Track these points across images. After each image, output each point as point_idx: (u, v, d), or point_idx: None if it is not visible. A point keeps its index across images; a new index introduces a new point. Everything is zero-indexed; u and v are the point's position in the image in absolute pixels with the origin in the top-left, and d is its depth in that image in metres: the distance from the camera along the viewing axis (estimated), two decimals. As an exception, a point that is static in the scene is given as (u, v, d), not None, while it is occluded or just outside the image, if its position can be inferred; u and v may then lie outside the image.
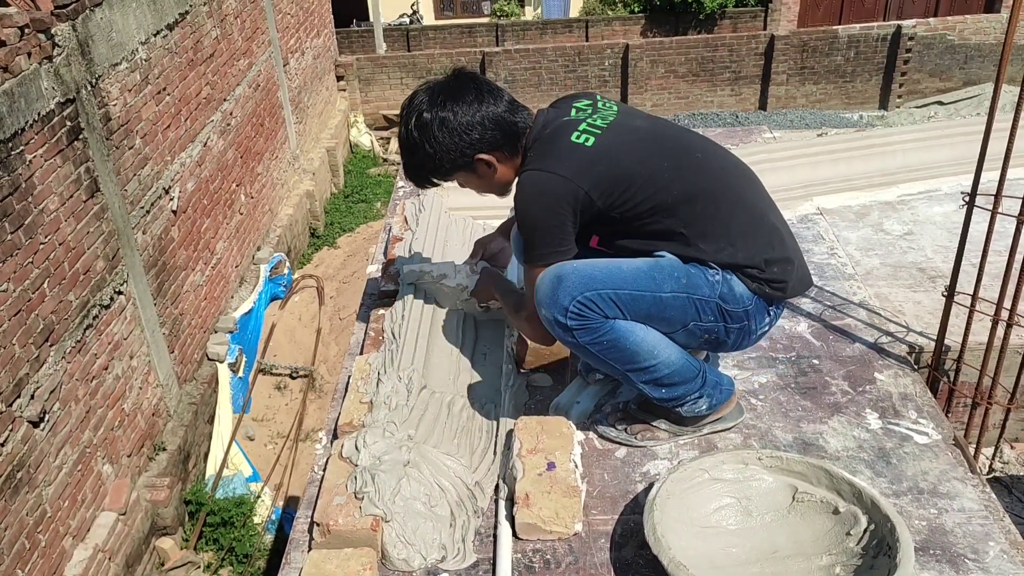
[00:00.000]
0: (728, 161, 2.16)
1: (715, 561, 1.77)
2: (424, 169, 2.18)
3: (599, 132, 2.03)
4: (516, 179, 2.15)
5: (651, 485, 2.07)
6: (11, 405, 4.19)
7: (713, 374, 2.18)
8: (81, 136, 4.91)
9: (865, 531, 1.79)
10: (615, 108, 2.15)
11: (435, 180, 2.22)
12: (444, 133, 2.08)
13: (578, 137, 2.03)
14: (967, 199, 2.67)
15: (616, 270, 2.00)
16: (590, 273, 1.98)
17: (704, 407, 2.17)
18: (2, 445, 4.10)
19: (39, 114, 4.49)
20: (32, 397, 4.36)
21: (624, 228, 2.06)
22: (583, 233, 2.09)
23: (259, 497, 6.06)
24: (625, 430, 2.27)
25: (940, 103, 13.13)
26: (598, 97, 2.21)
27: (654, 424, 2.26)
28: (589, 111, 2.12)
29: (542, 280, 2.04)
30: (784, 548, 1.83)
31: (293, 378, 7.30)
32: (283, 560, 2.03)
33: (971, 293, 2.75)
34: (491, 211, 3.59)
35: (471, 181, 2.22)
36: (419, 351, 2.58)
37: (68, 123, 4.78)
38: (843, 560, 1.77)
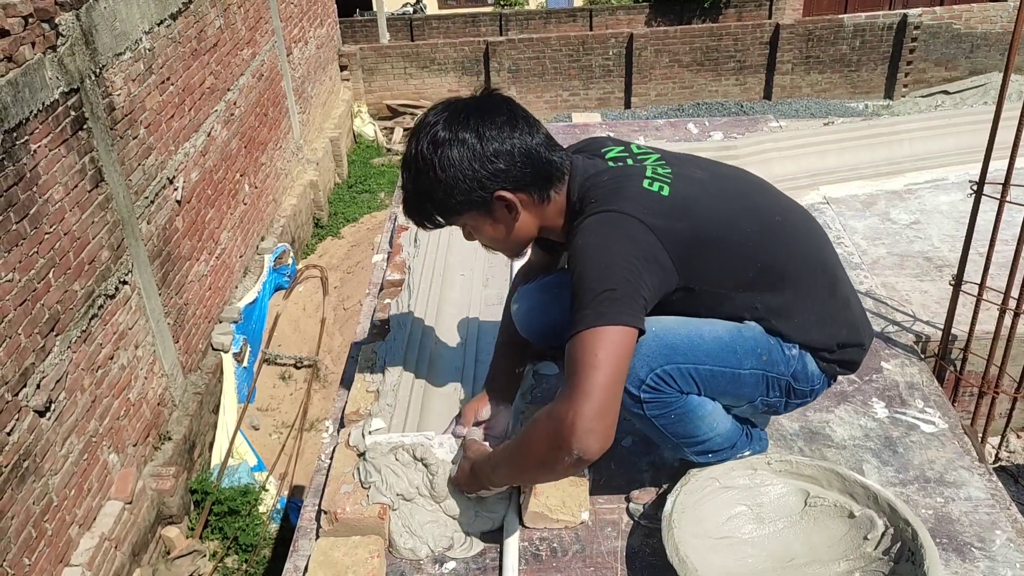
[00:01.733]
0: (802, 220, 1.87)
1: (733, 573, 1.74)
2: (429, 200, 1.72)
3: (670, 181, 1.69)
4: (565, 230, 1.77)
5: (664, 493, 2.06)
6: (17, 395, 4.20)
7: (755, 430, 2.03)
8: (85, 126, 4.91)
9: (883, 535, 1.76)
10: (655, 154, 1.82)
11: (439, 219, 1.76)
12: (462, 156, 1.66)
13: (650, 184, 1.67)
14: (975, 188, 2.66)
15: (698, 339, 1.71)
16: (672, 342, 1.69)
17: (747, 454, 1.99)
18: (8, 434, 4.12)
19: (43, 104, 4.48)
20: (38, 387, 4.37)
21: (690, 302, 1.73)
22: None
23: (264, 486, 6.08)
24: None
25: (946, 92, 13.08)
26: (626, 141, 1.89)
27: None
28: (630, 160, 1.78)
29: (522, 310, 1.87)
30: (800, 555, 1.80)
31: (297, 368, 7.31)
32: (291, 547, 2.03)
33: (978, 282, 2.74)
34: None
35: (483, 227, 1.76)
36: (425, 340, 2.58)
37: (72, 113, 4.78)
38: (861, 566, 1.73)
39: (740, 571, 1.76)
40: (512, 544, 1.93)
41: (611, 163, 1.77)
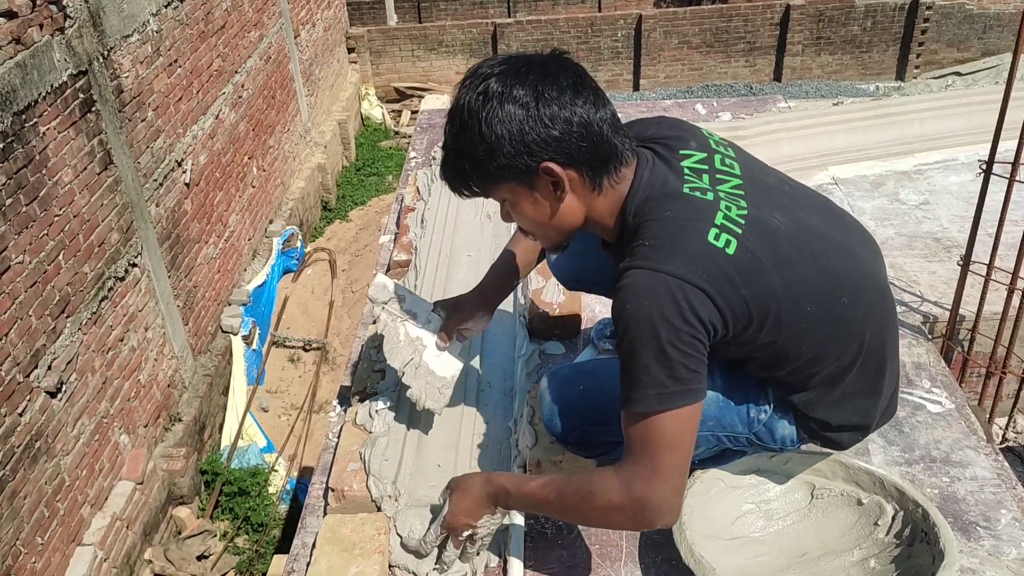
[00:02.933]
0: (872, 296, 1.64)
1: (748, 574, 1.74)
2: (468, 160, 1.51)
3: (740, 232, 1.45)
4: (615, 237, 1.59)
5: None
6: (29, 376, 4.23)
7: None
8: (94, 108, 4.92)
9: (893, 519, 1.76)
10: (737, 169, 1.59)
11: (474, 186, 1.56)
12: (512, 115, 1.45)
13: (716, 237, 1.44)
14: (984, 168, 2.64)
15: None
16: (596, 402, 1.70)
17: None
18: (20, 415, 4.15)
19: (52, 86, 4.49)
20: (49, 368, 4.40)
21: (715, 350, 1.52)
22: None
23: (273, 467, 6.12)
24: None
25: (958, 74, 12.95)
26: (710, 142, 1.64)
27: None
28: (706, 176, 1.55)
29: (544, 390, 1.79)
30: (813, 549, 1.79)
31: (306, 350, 7.34)
32: (299, 524, 2.05)
33: (987, 263, 2.73)
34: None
35: (522, 204, 1.55)
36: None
37: (81, 95, 4.79)
38: (875, 552, 1.73)
39: (755, 571, 1.76)
40: (517, 523, 1.94)
41: (686, 184, 1.52)
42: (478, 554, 1.82)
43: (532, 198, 1.54)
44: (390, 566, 1.87)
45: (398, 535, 1.86)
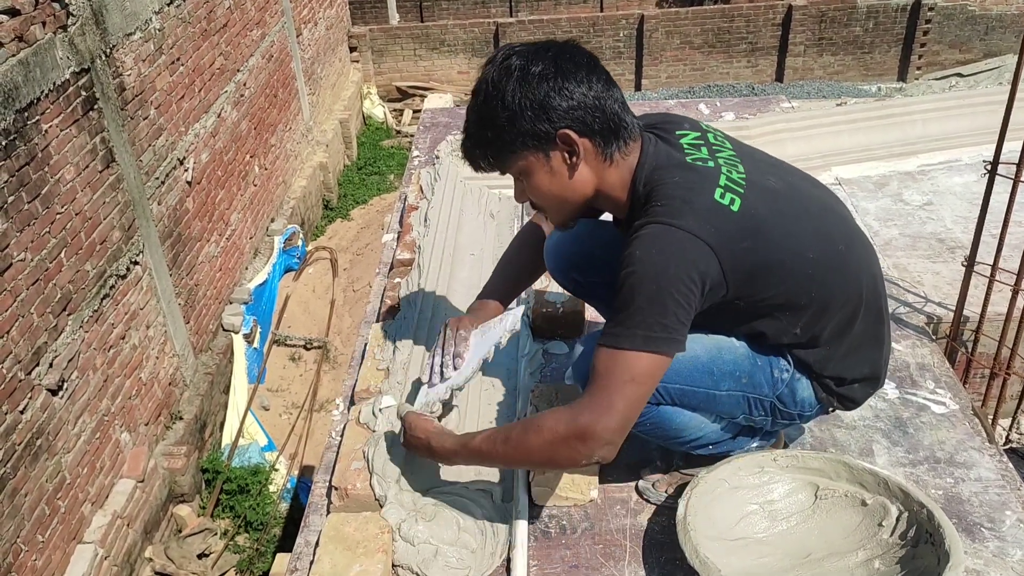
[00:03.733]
0: (864, 251, 1.79)
1: (753, 574, 1.73)
2: (490, 128, 1.62)
3: (742, 191, 1.59)
4: (626, 212, 1.68)
5: (674, 471, 2.06)
6: (30, 373, 4.23)
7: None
8: (96, 106, 4.92)
9: (898, 520, 1.75)
10: (729, 145, 1.73)
11: (492, 158, 1.67)
12: (533, 84, 1.57)
13: (722, 196, 1.56)
14: (989, 168, 2.64)
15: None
16: None
17: (755, 446, 1.98)
18: (22, 412, 4.15)
19: (54, 84, 4.48)
20: (51, 365, 4.40)
21: (725, 316, 1.68)
22: None
23: (274, 466, 6.12)
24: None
25: (960, 75, 12.94)
26: (701, 125, 1.77)
27: None
28: (704, 149, 1.68)
29: (583, 355, 1.73)
30: (817, 550, 1.79)
31: (307, 349, 7.34)
32: (302, 523, 2.05)
33: (991, 263, 2.72)
34: (508, 180, 3.58)
35: (538, 174, 1.64)
36: (435, 319, 2.58)
37: (83, 93, 4.78)
38: (880, 553, 1.73)
39: (758, 572, 1.75)
40: (521, 521, 1.94)
41: (687, 155, 1.65)
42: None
43: (548, 167, 1.63)
44: (393, 565, 1.87)
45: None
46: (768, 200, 1.62)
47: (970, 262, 2.72)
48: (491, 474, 2.07)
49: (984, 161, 2.70)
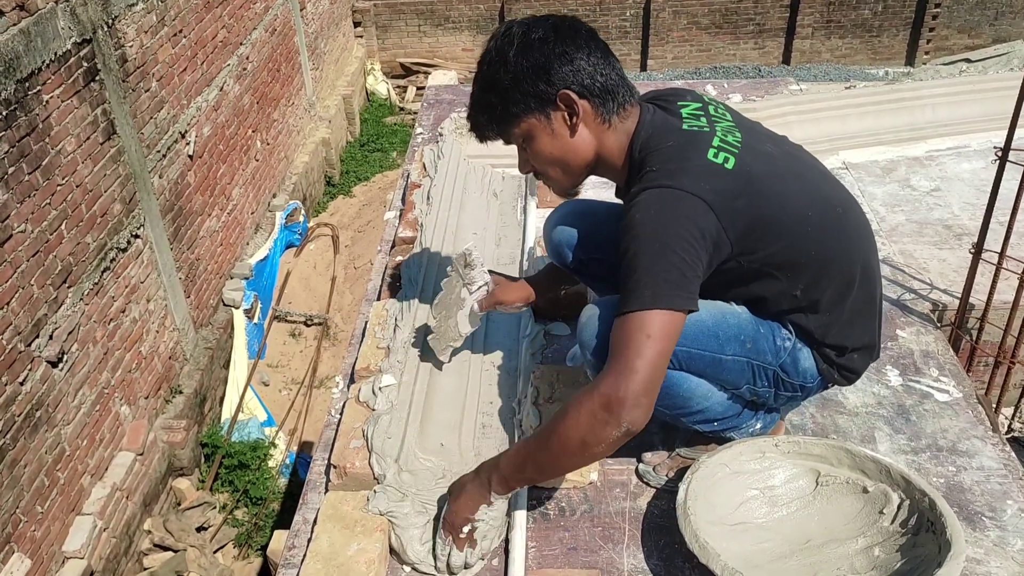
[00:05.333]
0: (859, 218, 1.82)
1: (752, 560, 1.72)
2: (493, 92, 1.69)
3: (736, 152, 1.63)
4: (624, 178, 1.73)
5: (675, 455, 2.05)
6: (30, 345, 4.22)
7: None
8: (98, 77, 4.87)
9: (899, 508, 1.74)
10: (729, 116, 1.77)
11: (496, 124, 1.73)
12: (533, 49, 1.64)
13: (715, 155, 1.60)
14: (999, 155, 2.61)
15: None
16: None
17: (759, 427, 1.97)
18: (21, 384, 4.15)
19: (55, 54, 4.44)
20: (51, 337, 4.39)
21: (727, 278, 1.69)
22: None
23: (273, 442, 6.13)
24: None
25: (968, 60, 12.83)
26: (704, 98, 1.80)
27: None
28: (703, 118, 1.71)
29: (589, 319, 1.74)
30: (817, 536, 1.78)
31: (308, 325, 7.33)
32: (300, 501, 2.04)
33: (998, 251, 2.70)
34: (511, 159, 3.55)
35: (540, 138, 1.70)
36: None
37: (84, 64, 4.74)
38: (880, 540, 1.72)
39: (759, 558, 1.74)
40: (521, 504, 1.93)
41: (685, 123, 1.69)
42: (483, 558, 1.79)
43: (549, 129, 1.69)
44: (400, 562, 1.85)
45: (407, 558, 1.82)
46: (763, 161, 1.66)
47: (977, 249, 2.70)
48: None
49: (995, 147, 2.67)
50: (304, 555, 1.79)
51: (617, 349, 1.52)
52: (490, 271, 2.27)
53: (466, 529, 1.72)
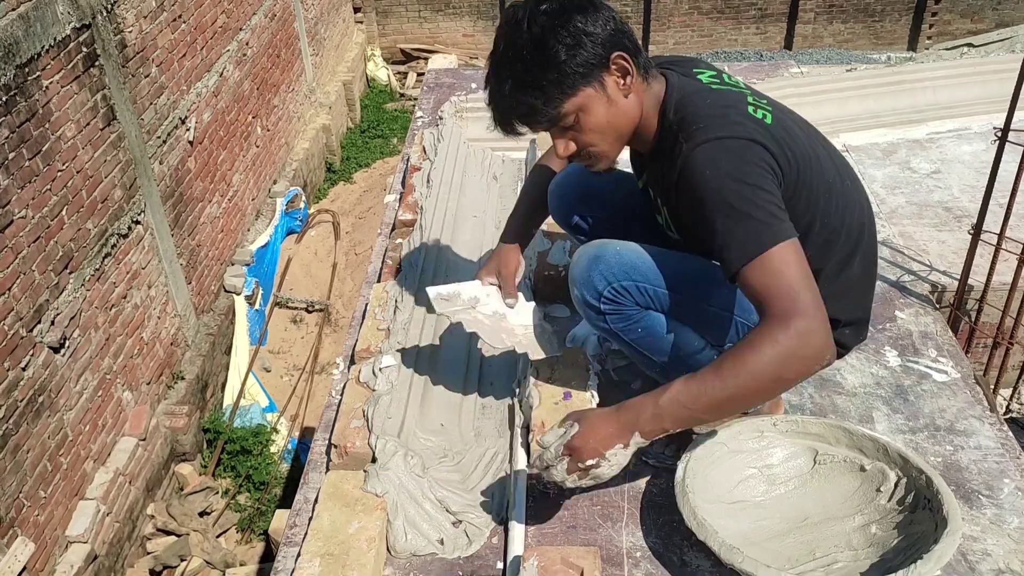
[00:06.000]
0: (863, 193, 1.85)
1: (750, 538, 1.73)
2: (550, 71, 1.57)
3: (771, 110, 1.65)
4: (654, 142, 1.68)
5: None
6: (32, 330, 4.23)
7: None
8: (97, 63, 4.86)
9: (896, 486, 1.75)
10: (743, 84, 1.77)
11: (549, 105, 1.60)
12: (575, 18, 1.57)
13: (754, 111, 1.62)
14: (999, 135, 2.61)
15: (662, 266, 1.74)
16: (632, 262, 1.73)
17: None
18: (23, 369, 4.16)
19: (55, 39, 4.43)
20: (52, 323, 4.40)
21: None
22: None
23: (275, 427, 6.15)
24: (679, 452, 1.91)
25: (970, 45, 12.77)
26: (717, 68, 1.80)
27: None
28: (718, 82, 1.72)
29: (578, 258, 1.77)
30: (814, 514, 1.79)
31: (309, 312, 7.34)
32: (301, 480, 2.06)
33: (997, 232, 2.70)
34: (511, 143, 3.55)
35: (595, 109, 1.62)
36: (436, 280, 2.57)
37: (84, 49, 4.73)
38: (877, 518, 1.73)
39: (756, 536, 1.75)
40: (520, 482, 1.94)
41: (711, 84, 1.69)
42: (574, 489, 1.70)
43: (605, 97, 1.62)
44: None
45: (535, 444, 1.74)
46: (794, 123, 1.68)
47: (976, 231, 2.70)
48: (494, 442, 2.08)
49: (995, 128, 2.66)
50: (305, 533, 1.80)
51: (765, 296, 1.47)
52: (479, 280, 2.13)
53: (591, 462, 1.58)
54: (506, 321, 2.07)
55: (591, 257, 1.76)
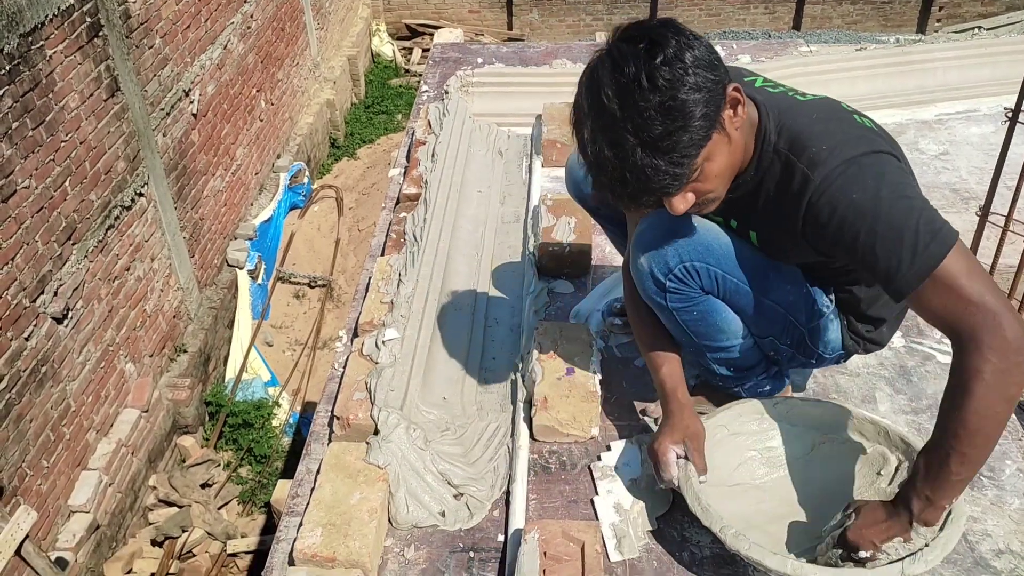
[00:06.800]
0: None
1: (751, 521, 1.73)
2: (685, 131, 1.36)
3: (859, 111, 1.60)
4: (750, 167, 1.55)
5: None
6: (35, 301, 4.24)
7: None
8: (101, 33, 4.83)
9: (897, 470, 1.74)
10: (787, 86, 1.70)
11: (683, 162, 1.39)
12: (696, 55, 1.38)
13: (860, 119, 1.56)
14: (1009, 116, 2.58)
15: (734, 253, 1.69)
16: (708, 243, 1.67)
17: (767, 388, 1.97)
18: (27, 339, 4.17)
19: (59, 8, 4.40)
20: (55, 294, 4.40)
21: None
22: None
23: (277, 401, 6.17)
24: None
25: (980, 28, 12.66)
26: (755, 74, 1.71)
27: None
28: (777, 87, 1.64)
29: (651, 225, 1.67)
30: (814, 496, 1.79)
31: (311, 287, 7.34)
32: (304, 451, 2.06)
33: (1005, 214, 2.69)
34: (517, 118, 3.53)
35: (719, 154, 1.45)
36: (440, 254, 2.56)
37: (88, 19, 4.70)
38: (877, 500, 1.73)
39: (757, 519, 1.75)
40: (522, 456, 1.94)
41: (788, 92, 1.60)
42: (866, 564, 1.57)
43: (727, 139, 1.46)
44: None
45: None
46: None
47: (984, 212, 2.68)
48: (496, 416, 2.08)
49: (1006, 108, 2.64)
50: (307, 503, 1.81)
51: (962, 307, 1.36)
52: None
53: (864, 554, 1.53)
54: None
55: (667, 229, 1.66)
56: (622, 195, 1.45)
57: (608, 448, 2.00)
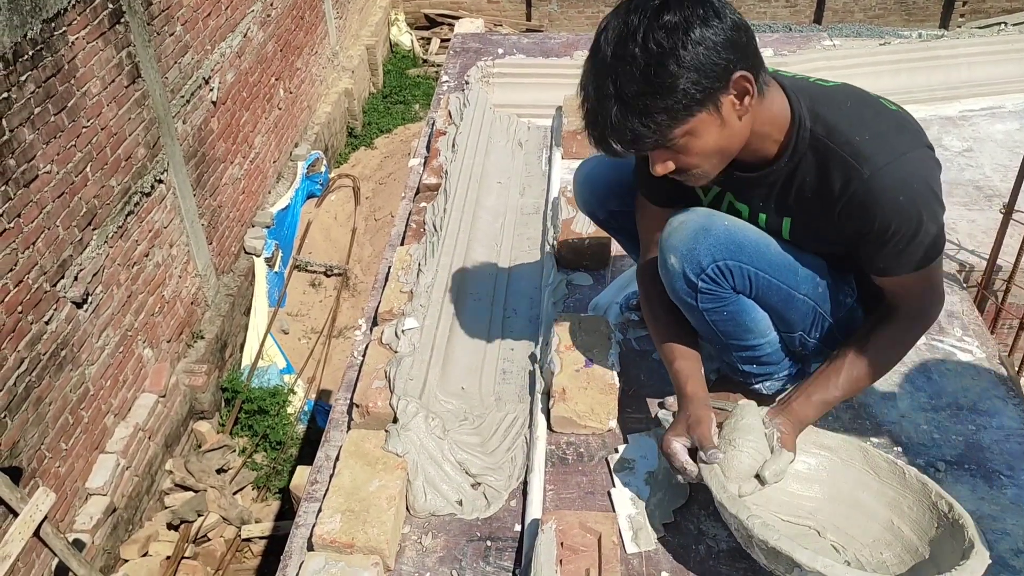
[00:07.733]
0: None
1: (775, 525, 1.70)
2: (667, 96, 1.38)
3: (891, 101, 1.62)
4: (781, 149, 1.55)
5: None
6: (55, 285, 4.28)
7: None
8: (123, 20, 4.86)
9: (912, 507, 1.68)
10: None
11: (659, 130, 1.42)
12: (708, 32, 1.36)
13: (886, 103, 1.57)
14: (1036, 113, 2.56)
15: (765, 248, 1.68)
16: (740, 241, 1.65)
17: (784, 374, 1.95)
18: (47, 323, 4.21)
19: (81, -6, 4.43)
20: (76, 278, 4.44)
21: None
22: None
23: (292, 389, 6.20)
24: None
25: (1005, 24, 12.52)
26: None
27: None
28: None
29: (681, 224, 1.66)
30: (826, 521, 1.74)
31: (327, 276, 7.37)
32: (323, 438, 2.07)
33: (1030, 212, 2.67)
34: (537, 109, 3.52)
35: (707, 134, 1.45)
36: (460, 244, 2.56)
37: (110, 5, 4.72)
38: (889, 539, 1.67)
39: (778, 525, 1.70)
40: (540, 447, 1.95)
41: (818, 82, 1.60)
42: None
43: (719, 121, 1.44)
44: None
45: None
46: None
47: (1008, 210, 2.66)
48: (514, 407, 2.08)
49: (1031, 106, 2.61)
50: (327, 490, 1.82)
51: (923, 291, 1.65)
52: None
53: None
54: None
55: (698, 228, 1.64)
56: (592, 133, 1.50)
57: (626, 440, 2.00)
